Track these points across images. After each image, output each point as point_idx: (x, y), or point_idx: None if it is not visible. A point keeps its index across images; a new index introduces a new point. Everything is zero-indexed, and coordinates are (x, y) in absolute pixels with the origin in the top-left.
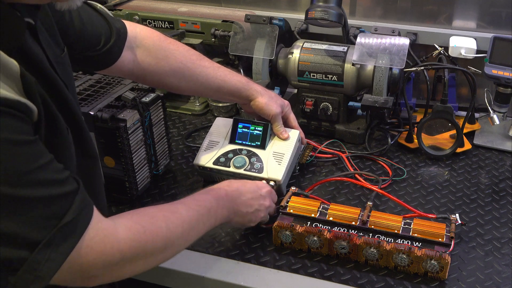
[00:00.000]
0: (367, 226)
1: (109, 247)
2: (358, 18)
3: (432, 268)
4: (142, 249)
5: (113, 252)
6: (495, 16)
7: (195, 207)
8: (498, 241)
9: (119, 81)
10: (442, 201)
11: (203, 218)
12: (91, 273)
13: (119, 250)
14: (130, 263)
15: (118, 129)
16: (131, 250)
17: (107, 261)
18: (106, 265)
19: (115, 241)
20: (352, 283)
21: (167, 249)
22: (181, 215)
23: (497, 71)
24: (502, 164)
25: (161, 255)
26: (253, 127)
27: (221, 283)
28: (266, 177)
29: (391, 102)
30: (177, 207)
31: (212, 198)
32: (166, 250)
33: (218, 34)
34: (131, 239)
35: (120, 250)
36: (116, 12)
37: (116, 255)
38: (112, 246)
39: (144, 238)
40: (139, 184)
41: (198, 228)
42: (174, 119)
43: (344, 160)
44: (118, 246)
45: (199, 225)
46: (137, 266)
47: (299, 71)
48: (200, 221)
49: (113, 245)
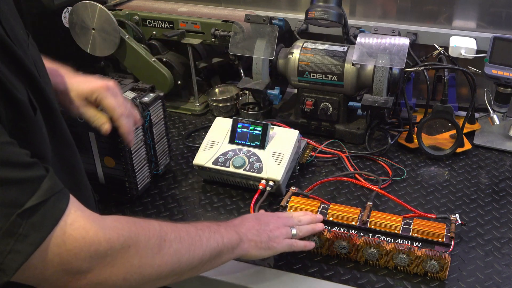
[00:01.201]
0: (367, 226)
1: (93, 234)
2: (358, 18)
3: (432, 268)
4: (134, 240)
5: (99, 240)
6: (495, 16)
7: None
8: (498, 241)
9: (119, 81)
10: (442, 201)
11: (204, 232)
12: (76, 267)
13: (106, 239)
14: (121, 256)
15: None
16: (120, 239)
17: (93, 250)
18: (93, 256)
19: (100, 228)
20: (352, 283)
21: (164, 251)
22: (176, 224)
23: (497, 71)
24: (502, 164)
25: (158, 256)
26: (253, 127)
27: (221, 283)
28: (266, 177)
29: (391, 102)
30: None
31: (210, 222)
32: (163, 251)
33: (218, 34)
34: (120, 227)
35: (107, 239)
36: (116, 12)
37: (103, 243)
38: (96, 233)
39: (135, 229)
40: (139, 184)
41: (200, 240)
42: (174, 119)
43: (344, 160)
44: (104, 234)
45: (200, 237)
46: (131, 263)
47: (299, 71)
48: (199, 234)
49: (98, 232)
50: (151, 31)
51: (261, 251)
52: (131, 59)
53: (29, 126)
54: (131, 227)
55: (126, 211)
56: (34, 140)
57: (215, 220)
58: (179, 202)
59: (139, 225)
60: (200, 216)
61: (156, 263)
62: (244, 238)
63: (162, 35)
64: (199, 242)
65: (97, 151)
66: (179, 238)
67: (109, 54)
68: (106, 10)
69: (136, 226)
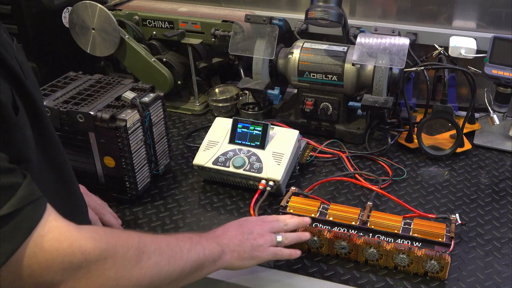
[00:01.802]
0: (367, 226)
1: (67, 245)
2: (358, 18)
3: (432, 268)
4: (111, 252)
5: (73, 252)
6: (495, 16)
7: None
8: (498, 241)
9: (119, 81)
10: (442, 201)
11: (185, 243)
12: (48, 279)
13: (81, 250)
14: (97, 268)
15: (118, 129)
16: (96, 251)
17: (66, 263)
18: (66, 269)
19: (75, 239)
20: (352, 283)
21: (142, 263)
22: (156, 236)
23: (497, 71)
24: (502, 164)
25: (136, 269)
26: (253, 127)
27: (221, 283)
28: (266, 177)
29: (391, 102)
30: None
31: (192, 234)
32: (141, 264)
33: (218, 34)
34: (96, 239)
35: (82, 250)
36: (116, 12)
37: (78, 255)
38: (70, 245)
39: (112, 240)
40: (139, 184)
41: (181, 252)
42: (174, 119)
43: (344, 160)
44: (80, 245)
45: (181, 249)
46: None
47: (299, 71)
48: (180, 246)
49: (72, 244)
50: (151, 31)
51: (244, 261)
52: (131, 59)
53: (9, 127)
54: (109, 238)
55: (126, 211)
56: (14, 142)
57: (216, 219)
58: (179, 202)
59: (117, 236)
60: (200, 216)
61: (134, 276)
62: (227, 250)
63: (162, 35)
64: (180, 254)
65: (97, 151)
66: (159, 250)
67: (109, 54)
68: (106, 10)
69: (114, 237)
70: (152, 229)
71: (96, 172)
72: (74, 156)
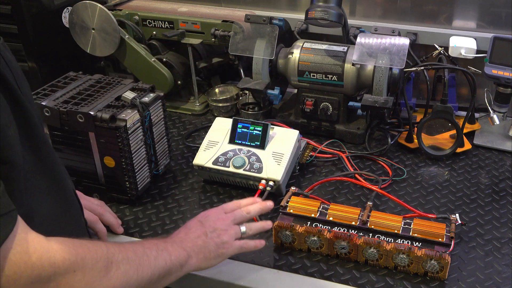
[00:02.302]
0: (367, 226)
1: (36, 258)
2: (358, 18)
3: (432, 268)
4: (80, 264)
5: (42, 264)
6: (495, 16)
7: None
8: (498, 241)
9: (119, 81)
10: (442, 201)
11: (151, 251)
12: None
13: (50, 263)
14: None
15: (118, 129)
16: (65, 263)
17: (35, 276)
18: (35, 282)
19: (44, 251)
20: (352, 283)
21: (111, 273)
22: (123, 245)
23: (497, 71)
24: (502, 164)
25: (105, 279)
26: (253, 127)
27: (221, 283)
28: (266, 177)
29: (391, 102)
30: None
31: (157, 240)
32: (110, 274)
33: (218, 34)
34: (66, 251)
35: (51, 263)
36: (116, 12)
37: (47, 268)
38: (40, 257)
39: (81, 251)
40: (139, 184)
41: (148, 260)
42: (174, 119)
43: (344, 160)
44: (49, 257)
45: (148, 257)
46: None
47: (299, 71)
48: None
49: (42, 257)
50: (151, 31)
51: (211, 261)
52: (131, 59)
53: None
54: (78, 249)
55: (126, 211)
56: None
57: None
58: (179, 202)
59: (86, 247)
60: None
61: (104, 286)
62: (192, 253)
63: (162, 35)
64: (147, 261)
65: (97, 151)
66: (127, 258)
67: (109, 54)
68: (106, 10)
69: (83, 249)
70: (152, 229)
71: (96, 172)
72: (74, 156)
